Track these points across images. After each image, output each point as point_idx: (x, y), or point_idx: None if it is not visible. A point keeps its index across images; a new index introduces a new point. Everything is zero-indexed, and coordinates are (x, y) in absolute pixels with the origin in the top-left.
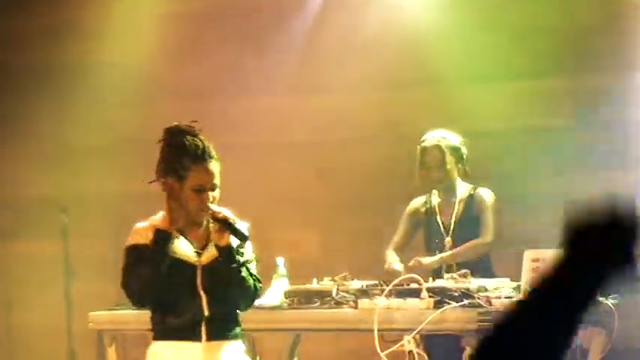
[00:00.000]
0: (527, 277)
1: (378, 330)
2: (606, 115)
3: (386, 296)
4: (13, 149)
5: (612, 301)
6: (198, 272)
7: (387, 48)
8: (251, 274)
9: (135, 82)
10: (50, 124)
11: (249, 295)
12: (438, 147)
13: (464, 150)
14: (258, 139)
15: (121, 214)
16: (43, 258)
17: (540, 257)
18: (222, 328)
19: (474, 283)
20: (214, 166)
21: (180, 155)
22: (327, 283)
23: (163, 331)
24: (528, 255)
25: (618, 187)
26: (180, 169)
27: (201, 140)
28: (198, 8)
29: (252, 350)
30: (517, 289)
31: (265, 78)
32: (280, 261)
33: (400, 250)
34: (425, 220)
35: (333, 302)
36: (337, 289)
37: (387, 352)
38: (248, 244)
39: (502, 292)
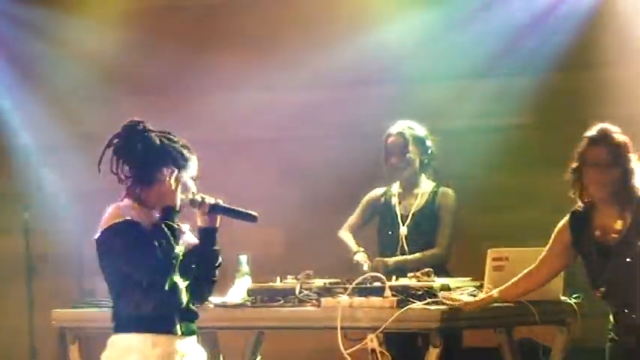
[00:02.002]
0: (489, 275)
1: (342, 328)
2: (569, 114)
3: (349, 295)
4: None
5: (574, 300)
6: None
7: (352, 45)
8: None
9: (97, 78)
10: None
11: (213, 286)
12: (401, 134)
13: (429, 143)
14: (220, 136)
15: (84, 211)
16: (5, 254)
17: (503, 256)
18: (190, 322)
19: (437, 281)
20: None
21: (177, 145)
22: (290, 282)
23: (137, 322)
24: (491, 254)
25: None
26: (181, 159)
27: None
28: (161, 5)
29: (215, 348)
30: (480, 287)
31: (228, 75)
32: (243, 259)
33: (353, 233)
34: (382, 209)
35: (296, 300)
36: (300, 287)
37: (350, 350)
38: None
39: (465, 290)
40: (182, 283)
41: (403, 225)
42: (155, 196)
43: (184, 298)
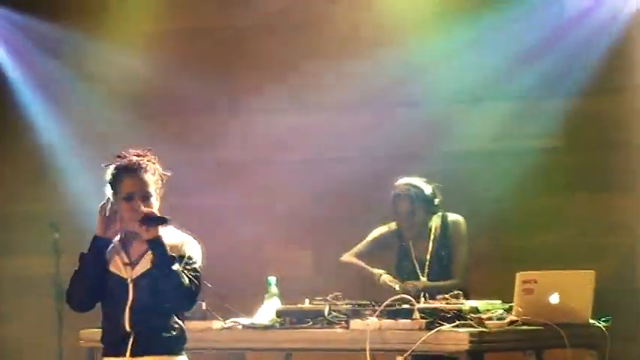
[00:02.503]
0: (518, 298)
1: (370, 350)
2: (596, 137)
3: (378, 317)
4: (4, 165)
5: (604, 323)
6: (130, 286)
7: (381, 68)
8: (186, 271)
9: (128, 97)
10: (42, 140)
11: (182, 291)
12: (408, 197)
13: (437, 201)
14: (254, 156)
15: None
16: (35, 274)
17: (532, 279)
18: (148, 344)
19: (466, 304)
20: (145, 176)
21: (115, 171)
22: (319, 303)
23: (103, 346)
24: (520, 277)
25: (606, 209)
26: (115, 182)
27: (138, 156)
28: (191, 25)
29: None
30: (509, 310)
31: (263, 95)
32: (272, 280)
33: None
34: (397, 250)
35: (325, 322)
36: (329, 308)
37: None
38: (194, 251)
39: (494, 313)
40: (120, 306)
41: (422, 275)
42: None
43: (126, 321)
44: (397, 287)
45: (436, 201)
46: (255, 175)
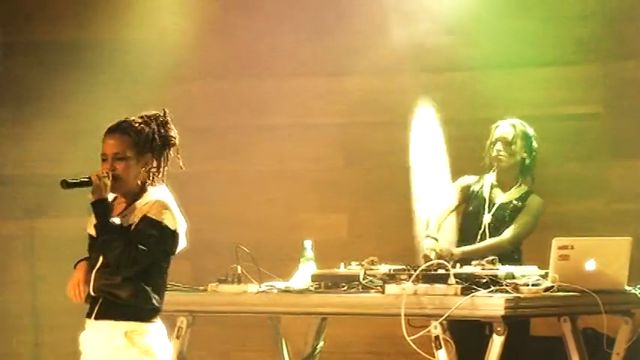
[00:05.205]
0: (554, 264)
1: (405, 315)
2: (636, 103)
3: (413, 282)
4: (42, 127)
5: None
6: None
7: (417, 32)
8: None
9: (163, 61)
10: (78, 102)
11: (118, 256)
12: (512, 126)
13: (535, 145)
14: (287, 120)
15: None
16: (70, 236)
17: (568, 245)
18: (108, 307)
19: (501, 269)
20: (122, 137)
21: None
22: (354, 268)
23: None
24: (557, 243)
25: None
26: None
27: (139, 117)
28: None
29: (278, 333)
30: (545, 276)
31: (294, 59)
32: (308, 244)
33: (444, 216)
34: (472, 196)
35: (360, 287)
36: (364, 273)
37: (413, 337)
38: (156, 214)
39: (530, 279)
40: (91, 269)
41: (489, 212)
42: None
43: (91, 284)
44: (432, 255)
45: (534, 145)
46: (288, 140)
